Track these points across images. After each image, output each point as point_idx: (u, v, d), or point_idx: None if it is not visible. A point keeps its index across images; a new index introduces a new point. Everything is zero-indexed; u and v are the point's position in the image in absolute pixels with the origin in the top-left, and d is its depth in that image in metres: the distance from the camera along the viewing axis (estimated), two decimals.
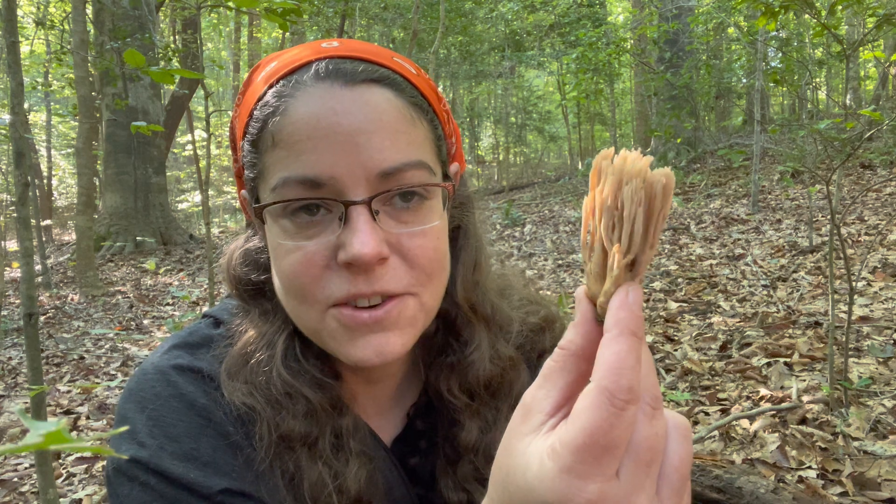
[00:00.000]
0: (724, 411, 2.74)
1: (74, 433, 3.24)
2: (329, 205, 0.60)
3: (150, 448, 0.59)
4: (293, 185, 0.59)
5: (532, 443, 0.40)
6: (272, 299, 0.69)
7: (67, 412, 3.55)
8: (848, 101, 9.68)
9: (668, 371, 3.26)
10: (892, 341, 3.15)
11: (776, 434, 2.43)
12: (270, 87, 0.63)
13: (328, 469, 0.63)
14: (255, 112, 0.63)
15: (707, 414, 2.74)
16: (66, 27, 11.01)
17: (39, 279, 7.74)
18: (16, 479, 2.78)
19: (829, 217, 3.23)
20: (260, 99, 0.63)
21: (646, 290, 4.76)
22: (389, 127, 0.60)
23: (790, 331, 3.47)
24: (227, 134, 0.75)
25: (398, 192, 0.60)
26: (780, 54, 8.95)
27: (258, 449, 0.62)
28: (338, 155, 0.58)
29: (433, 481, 0.73)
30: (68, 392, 3.92)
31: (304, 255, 0.60)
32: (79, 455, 2.88)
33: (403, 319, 0.62)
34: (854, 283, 2.67)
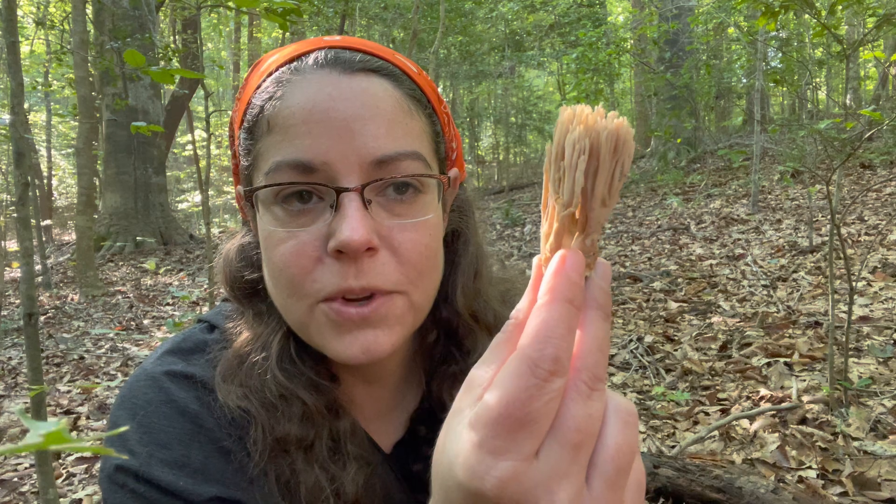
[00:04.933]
0: (724, 411, 2.74)
1: (74, 433, 3.24)
2: (321, 191, 0.59)
3: (140, 456, 0.58)
4: (286, 169, 0.58)
5: (465, 418, 0.36)
6: (266, 300, 0.68)
7: (67, 412, 3.54)
8: (848, 101, 9.68)
9: (668, 371, 3.26)
10: (892, 341, 3.15)
11: (776, 434, 2.43)
12: (270, 74, 0.63)
13: (325, 473, 0.62)
14: (253, 100, 0.63)
15: (707, 414, 2.74)
16: (66, 27, 11.01)
17: (39, 279, 7.74)
18: (16, 479, 2.78)
19: (829, 217, 3.23)
20: (258, 87, 0.63)
21: (646, 290, 4.75)
22: (386, 116, 0.60)
23: (790, 331, 3.47)
24: (227, 133, 0.75)
25: (391, 181, 0.60)
26: (780, 54, 8.95)
27: (252, 453, 0.61)
28: (332, 140, 0.58)
29: None
30: (68, 392, 3.92)
31: (296, 244, 0.59)
32: (79, 455, 2.88)
33: (392, 317, 0.61)
34: (854, 283, 2.67)
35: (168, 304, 6.74)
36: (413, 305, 0.63)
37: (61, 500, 2.54)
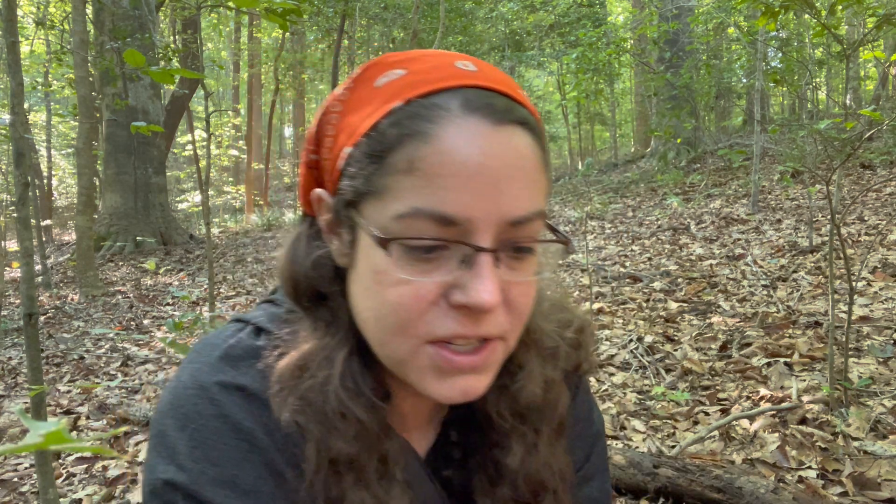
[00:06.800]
0: (724, 411, 2.74)
1: (74, 433, 3.24)
2: (452, 244, 0.58)
3: (190, 472, 0.57)
4: (424, 218, 0.56)
5: None
6: (333, 309, 0.66)
7: (67, 412, 3.54)
8: (848, 101, 9.68)
9: (668, 371, 3.26)
10: (892, 341, 3.15)
11: (776, 434, 2.43)
12: (408, 102, 0.59)
13: (371, 495, 0.61)
14: (381, 125, 0.59)
15: (707, 414, 2.74)
16: (66, 27, 11.01)
17: (39, 279, 7.75)
18: (16, 479, 2.78)
19: (829, 217, 3.24)
20: (391, 113, 0.59)
21: (646, 290, 4.76)
22: (529, 175, 0.59)
23: (790, 331, 3.47)
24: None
25: (527, 245, 0.60)
26: (780, 54, 8.95)
27: (306, 472, 0.60)
28: (478, 197, 0.56)
29: (466, 495, 0.72)
30: (68, 392, 3.92)
31: (416, 289, 0.57)
32: (79, 455, 2.88)
33: (493, 364, 0.62)
34: (854, 283, 2.67)
35: (168, 304, 6.75)
36: (508, 349, 0.64)
37: (61, 500, 2.54)
